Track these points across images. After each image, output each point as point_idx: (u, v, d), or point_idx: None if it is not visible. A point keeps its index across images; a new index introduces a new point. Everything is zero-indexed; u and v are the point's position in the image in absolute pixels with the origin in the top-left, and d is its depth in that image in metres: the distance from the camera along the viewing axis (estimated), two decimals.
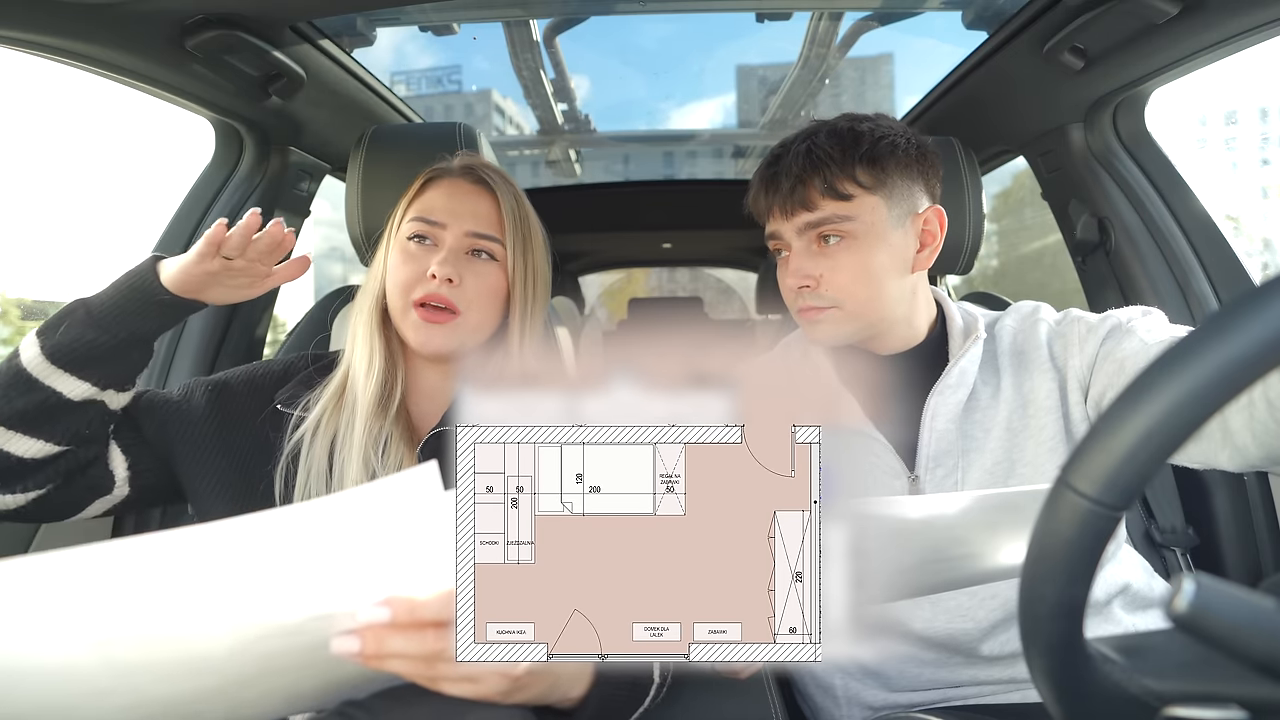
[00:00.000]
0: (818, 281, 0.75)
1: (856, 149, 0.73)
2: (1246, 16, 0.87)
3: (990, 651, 0.75)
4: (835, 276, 0.75)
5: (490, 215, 0.73)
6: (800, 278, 0.75)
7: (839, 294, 0.75)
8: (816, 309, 0.76)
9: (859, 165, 0.73)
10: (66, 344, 0.61)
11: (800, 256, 0.76)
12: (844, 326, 0.77)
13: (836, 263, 0.74)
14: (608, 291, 4.39)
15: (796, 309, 0.79)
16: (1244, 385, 0.26)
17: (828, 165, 0.73)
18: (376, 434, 0.68)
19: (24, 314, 2.30)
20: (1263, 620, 0.28)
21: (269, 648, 0.37)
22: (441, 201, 0.73)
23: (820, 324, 0.77)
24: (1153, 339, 0.70)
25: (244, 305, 1.29)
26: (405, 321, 0.70)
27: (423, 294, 0.69)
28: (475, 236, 0.72)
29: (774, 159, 0.77)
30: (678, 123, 2.90)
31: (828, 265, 0.75)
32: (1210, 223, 1.12)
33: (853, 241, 0.74)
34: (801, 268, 0.75)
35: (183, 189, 1.24)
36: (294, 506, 0.37)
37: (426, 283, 0.69)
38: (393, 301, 0.71)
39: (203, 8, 0.88)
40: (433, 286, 0.69)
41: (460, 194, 0.73)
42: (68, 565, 0.35)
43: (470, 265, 0.71)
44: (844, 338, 0.78)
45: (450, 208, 0.72)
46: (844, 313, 0.76)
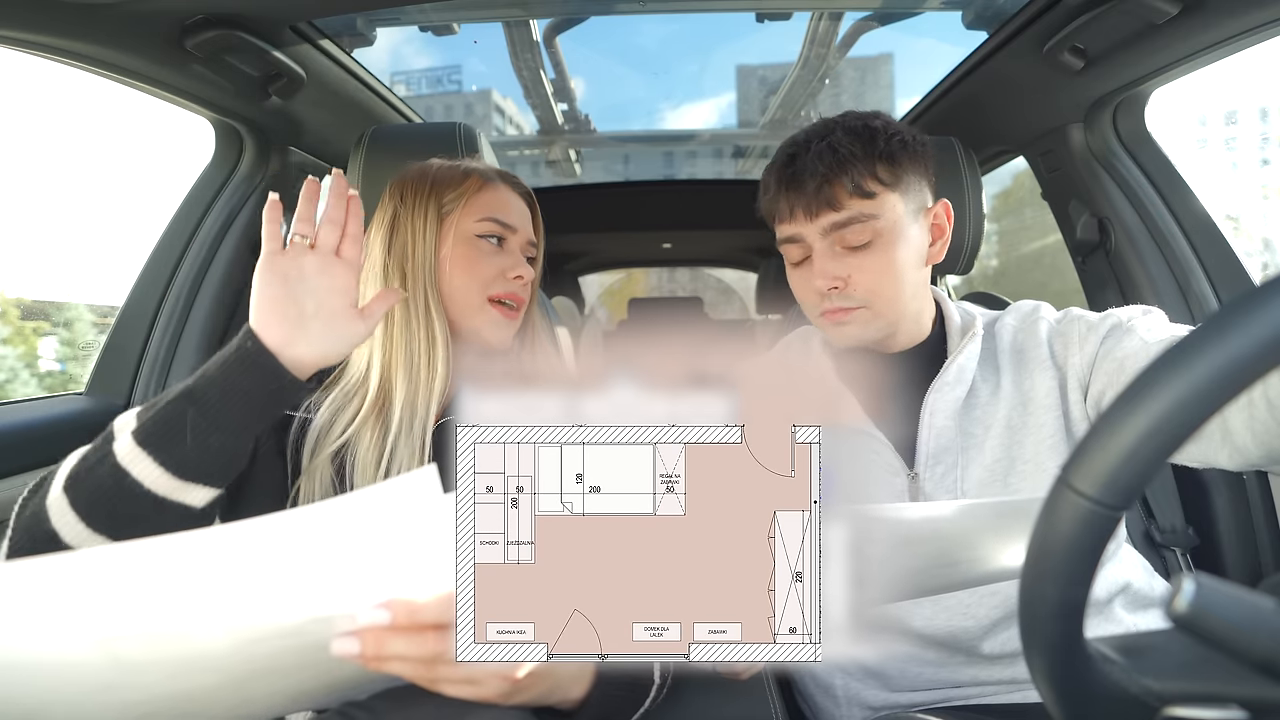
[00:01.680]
0: (846, 282, 0.74)
1: (874, 146, 0.72)
2: (1246, 16, 0.87)
3: (991, 650, 0.75)
4: (863, 276, 0.73)
5: (534, 225, 0.81)
6: (829, 279, 0.74)
7: (867, 294, 0.74)
8: (844, 310, 0.75)
9: (879, 162, 0.72)
10: (194, 458, 0.52)
11: (825, 258, 0.74)
12: (871, 326, 0.76)
13: (863, 262, 0.73)
14: (608, 291, 4.39)
15: (820, 311, 0.77)
16: (1244, 385, 0.26)
17: (852, 163, 0.71)
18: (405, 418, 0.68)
19: (24, 314, 2.30)
20: (1263, 620, 0.28)
21: (270, 648, 0.38)
22: (509, 206, 0.77)
23: (848, 325, 0.76)
24: (1153, 338, 0.70)
25: (244, 305, 1.29)
26: (480, 316, 0.73)
27: (503, 291, 0.73)
28: (530, 244, 0.79)
29: (790, 159, 0.75)
30: (678, 123, 2.90)
31: (855, 265, 0.73)
32: (1210, 223, 1.12)
33: (878, 239, 0.73)
34: (828, 269, 0.73)
35: (183, 189, 1.24)
36: (295, 510, 0.37)
37: (509, 282, 0.74)
38: (465, 296, 0.72)
39: (203, 8, 0.88)
40: (515, 286, 0.74)
41: (517, 202, 0.78)
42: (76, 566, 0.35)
43: (526, 268, 0.77)
44: (869, 337, 0.77)
45: (517, 215, 0.77)
46: (872, 312, 0.75)
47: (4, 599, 0.34)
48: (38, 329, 4.72)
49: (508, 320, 0.74)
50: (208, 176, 1.24)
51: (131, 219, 5.46)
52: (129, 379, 1.17)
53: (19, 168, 6.19)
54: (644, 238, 2.77)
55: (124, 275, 1.23)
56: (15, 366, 5.25)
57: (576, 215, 2.34)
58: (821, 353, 0.85)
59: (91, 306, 2.84)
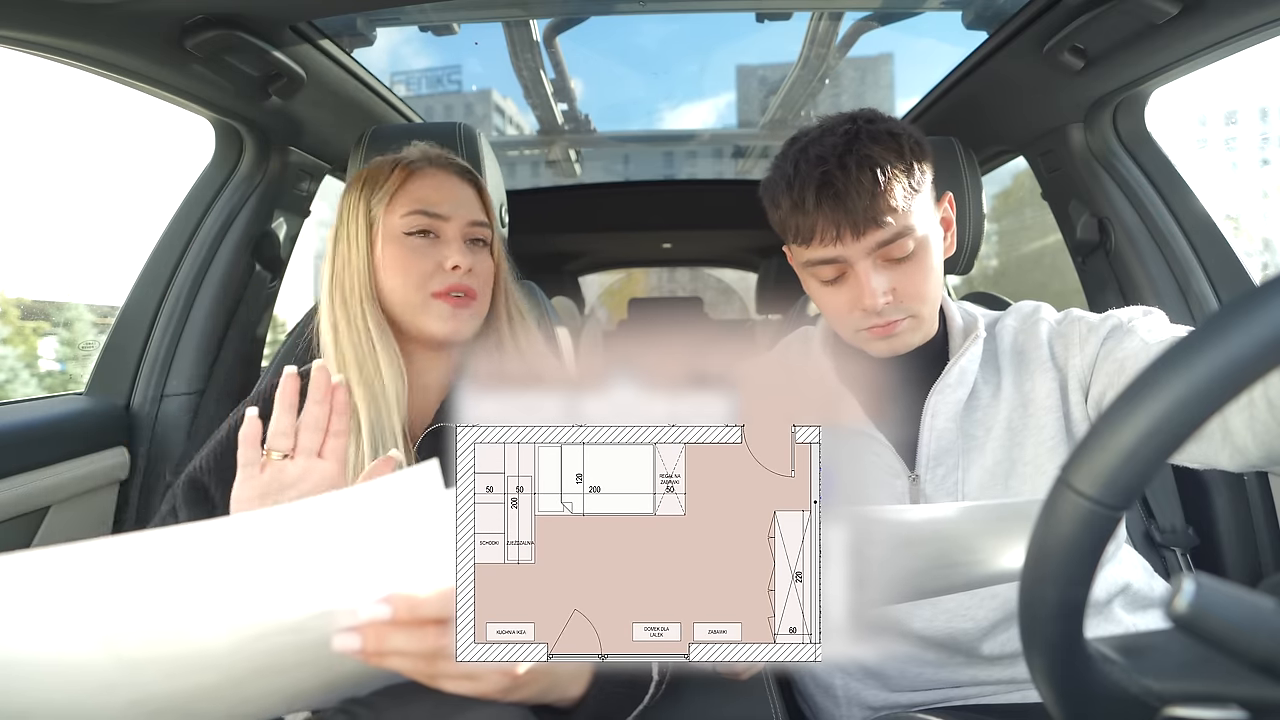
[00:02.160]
0: (894, 294, 0.72)
1: (903, 155, 0.70)
2: (1246, 16, 0.87)
3: (991, 651, 0.75)
4: (909, 285, 0.72)
5: (477, 202, 0.76)
6: (881, 295, 0.70)
7: (914, 301, 0.73)
8: (893, 323, 0.73)
9: (909, 171, 0.70)
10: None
11: (871, 273, 0.71)
12: (916, 333, 0.75)
13: (907, 272, 0.72)
14: (608, 291, 4.39)
15: (865, 327, 0.73)
16: (1244, 385, 0.26)
17: (895, 178, 0.69)
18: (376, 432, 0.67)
19: (24, 314, 2.31)
20: (1263, 620, 0.28)
21: (271, 645, 0.38)
22: (438, 194, 0.73)
23: (897, 336, 0.74)
24: (1153, 339, 0.70)
25: (244, 305, 1.30)
26: (427, 313, 0.71)
27: (444, 285, 0.70)
28: (475, 225, 0.74)
29: (825, 178, 0.68)
30: (678, 123, 2.90)
31: (899, 276, 0.71)
32: (1210, 223, 1.12)
33: (920, 249, 0.72)
34: (877, 285, 0.70)
35: (183, 189, 1.24)
36: (296, 503, 0.37)
37: (446, 275, 0.71)
38: (407, 297, 0.71)
39: (203, 8, 0.88)
40: (455, 277, 0.71)
41: (451, 185, 0.75)
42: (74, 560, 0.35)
43: (473, 253, 0.73)
44: (914, 344, 0.76)
45: (446, 199, 0.73)
46: (917, 319, 0.74)
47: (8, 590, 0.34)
48: (38, 329, 4.72)
49: (456, 310, 0.71)
50: (208, 176, 1.24)
51: (131, 219, 5.46)
52: (129, 379, 1.17)
53: (19, 168, 6.22)
54: (644, 238, 2.77)
55: (124, 275, 1.23)
56: (15, 366, 5.25)
57: (576, 215, 2.34)
58: (822, 353, 0.85)
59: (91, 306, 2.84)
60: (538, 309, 1.03)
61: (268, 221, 1.30)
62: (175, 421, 1.18)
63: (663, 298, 4.56)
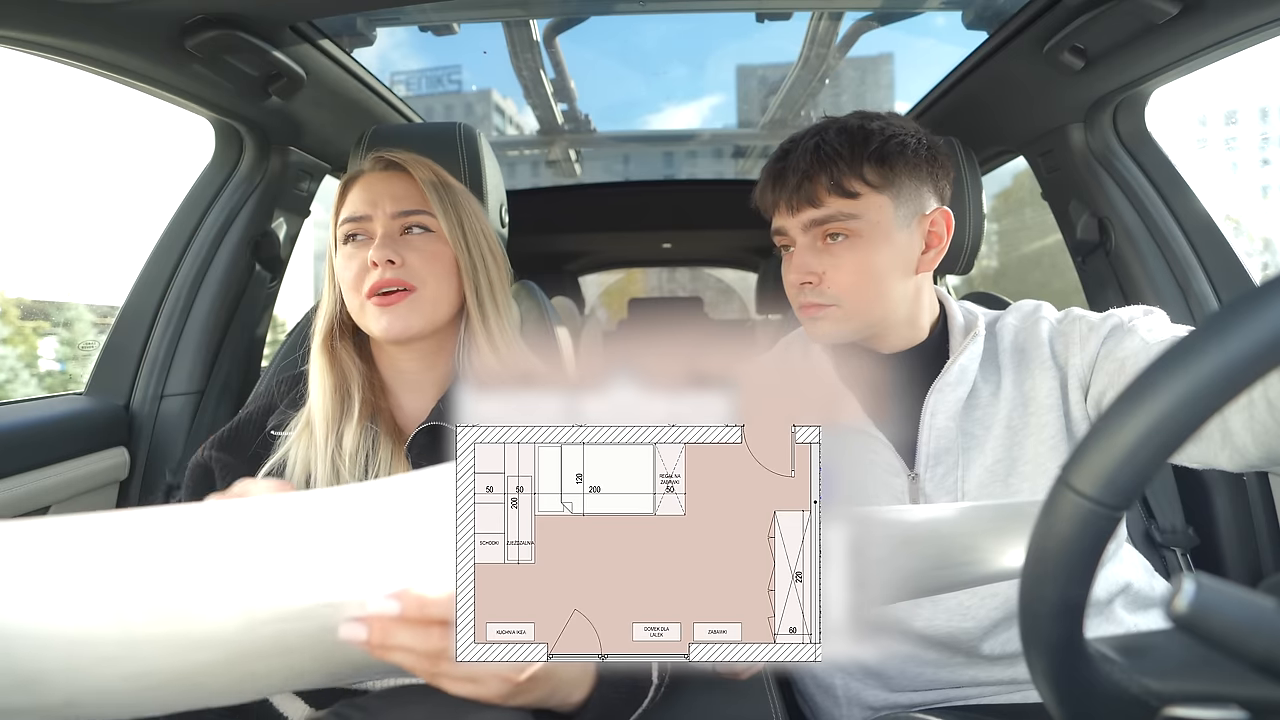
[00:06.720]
0: (819, 278, 0.75)
1: (865, 147, 0.73)
2: (1246, 16, 0.87)
3: (991, 651, 0.75)
4: (837, 275, 0.75)
5: (410, 191, 0.74)
6: (803, 273, 0.76)
7: (840, 292, 0.75)
8: (817, 306, 0.76)
9: (867, 164, 0.73)
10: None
11: (804, 252, 0.76)
12: (844, 325, 0.77)
13: (839, 261, 0.74)
14: (608, 291, 4.39)
15: (798, 305, 0.79)
16: (1244, 385, 0.26)
17: (835, 162, 0.73)
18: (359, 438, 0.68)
19: (24, 314, 2.31)
20: (1263, 620, 0.28)
21: (277, 629, 0.38)
22: (363, 196, 0.74)
23: (820, 321, 0.77)
24: (1154, 338, 0.70)
25: (243, 305, 1.30)
26: (365, 316, 0.71)
27: (370, 284, 0.70)
28: (402, 215, 0.73)
29: (783, 154, 0.77)
30: (678, 123, 2.90)
31: (830, 263, 0.75)
32: (1210, 223, 1.12)
33: (857, 240, 0.74)
34: (805, 264, 0.75)
35: (183, 189, 1.24)
36: (313, 492, 0.38)
37: (370, 272, 0.70)
38: (350, 304, 0.72)
39: (203, 8, 0.88)
40: (376, 274, 0.70)
41: (376, 183, 0.74)
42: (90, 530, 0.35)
43: (408, 244, 0.72)
44: (844, 336, 0.78)
45: (369, 198, 0.73)
46: (844, 311, 0.76)
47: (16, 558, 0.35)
48: (38, 329, 4.72)
49: (382, 308, 0.70)
50: (208, 176, 1.24)
51: (131, 219, 5.46)
52: (129, 379, 1.17)
53: (19, 168, 6.22)
54: (644, 238, 2.77)
55: (124, 275, 1.23)
56: (15, 366, 5.25)
57: (576, 215, 2.34)
58: (821, 353, 0.85)
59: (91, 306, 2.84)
60: (537, 309, 1.03)
61: (268, 221, 1.30)
62: (175, 421, 1.18)
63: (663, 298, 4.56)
